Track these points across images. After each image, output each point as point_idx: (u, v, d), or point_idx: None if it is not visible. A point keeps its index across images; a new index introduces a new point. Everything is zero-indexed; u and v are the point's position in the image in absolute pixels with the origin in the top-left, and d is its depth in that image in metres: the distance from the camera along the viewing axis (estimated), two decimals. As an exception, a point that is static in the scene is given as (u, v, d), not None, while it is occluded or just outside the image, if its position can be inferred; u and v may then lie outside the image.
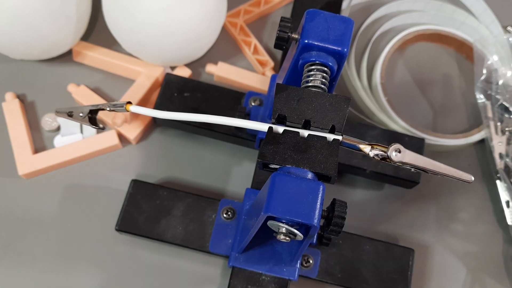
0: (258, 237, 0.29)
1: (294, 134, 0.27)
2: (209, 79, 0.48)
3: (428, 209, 0.44)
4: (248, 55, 0.49)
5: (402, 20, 0.52)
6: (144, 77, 0.45)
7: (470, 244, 0.43)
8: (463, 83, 0.51)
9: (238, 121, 0.28)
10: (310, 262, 0.38)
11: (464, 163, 0.47)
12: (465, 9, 0.53)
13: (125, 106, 0.31)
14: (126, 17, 0.42)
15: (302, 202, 0.25)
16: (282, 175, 0.26)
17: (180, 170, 0.44)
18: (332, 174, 0.26)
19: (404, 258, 0.39)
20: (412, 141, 0.43)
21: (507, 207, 0.43)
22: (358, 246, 0.39)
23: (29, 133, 0.43)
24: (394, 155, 0.27)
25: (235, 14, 0.51)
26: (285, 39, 0.31)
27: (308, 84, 0.29)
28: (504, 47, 0.49)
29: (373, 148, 0.27)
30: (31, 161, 0.42)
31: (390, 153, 0.27)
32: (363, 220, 0.43)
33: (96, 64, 0.47)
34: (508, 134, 0.45)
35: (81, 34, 0.46)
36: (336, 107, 0.28)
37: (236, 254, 0.35)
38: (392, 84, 0.50)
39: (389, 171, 0.41)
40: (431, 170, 0.27)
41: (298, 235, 0.26)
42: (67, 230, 0.40)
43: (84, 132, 0.44)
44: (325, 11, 0.31)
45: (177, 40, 0.43)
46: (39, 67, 0.47)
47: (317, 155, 0.27)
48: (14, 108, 0.43)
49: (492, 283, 0.42)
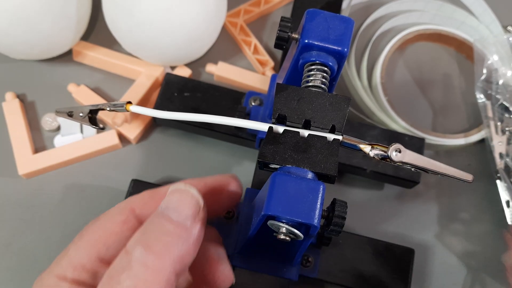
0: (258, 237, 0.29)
1: (294, 134, 0.27)
2: (209, 79, 0.48)
3: (428, 209, 0.44)
4: (248, 55, 0.49)
5: (402, 20, 0.52)
6: (144, 77, 0.45)
7: (470, 244, 0.43)
8: (463, 83, 0.51)
9: (238, 121, 0.28)
10: (310, 262, 0.38)
11: (464, 163, 0.47)
12: (465, 9, 0.53)
13: (125, 106, 0.30)
14: (126, 17, 0.42)
15: (302, 202, 0.25)
16: (282, 175, 0.26)
17: (180, 170, 0.44)
18: (332, 174, 0.26)
19: (404, 258, 0.39)
20: (412, 141, 0.43)
21: (507, 207, 0.43)
22: (358, 246, 0.39)
23: (29, 133, 0.43)
24: (394, 155, 0.27)
25: (235, 14, 0.51)
26: (285, 39, 0.31)
27: (308, 84, 0.29)
28: (504, 47, 0.49)
29: (373, 148, 0.27)
30: (31, 161, 0.42)
31: (390, 153, 0.27)
32: (363, 220, 0.43)
33: (96, 64, 0.47)
34: (508, 134, 0.45)
35: (81, 34, 0.46)
36: (336, 107, 0.28)
37: (236, 254, 0.35)
38: (392, 84, 0.50)
39: (389, 171, 0.41)
40: (431, 169, 0.27)
41: (298, 235, 0.25)
42: (67, 230, 0.40)
43: (84, 132, 0.44)
44: (325, 11, 0.31)
45: (177, 40, 0.43)
46: (39, 67, 0.47)
47: (317, 155, 0.27)
48: (14, 108, 0.43)
49: (492, 283, 0.42)
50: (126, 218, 0.28)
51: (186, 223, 0.25)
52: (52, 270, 0.26)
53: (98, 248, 0.27)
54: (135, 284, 0.22)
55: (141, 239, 0.24)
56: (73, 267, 0.26)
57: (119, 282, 0.22)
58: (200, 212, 0.25)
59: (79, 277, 0.26)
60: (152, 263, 0.23)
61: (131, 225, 0.28)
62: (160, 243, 0.24)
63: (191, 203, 0.25)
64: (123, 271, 0.23)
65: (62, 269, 0.26)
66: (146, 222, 0.25)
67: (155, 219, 0.25)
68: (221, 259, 0.28)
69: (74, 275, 0.26)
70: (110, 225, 0.28)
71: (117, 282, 0.23)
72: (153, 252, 0.23)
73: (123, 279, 0.23)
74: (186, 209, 0.25)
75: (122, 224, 0.28)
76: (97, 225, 0.28)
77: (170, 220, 0.25)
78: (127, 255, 0.24)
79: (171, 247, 0.24)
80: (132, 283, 0.22)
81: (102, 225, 0.28)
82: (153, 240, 0.24)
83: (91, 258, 0.26)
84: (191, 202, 0.25)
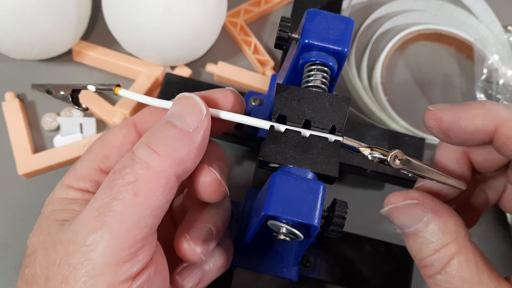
0: (258, 237, 0.29)
1: (295, 134, 0.27)
2: (209, 78, 0.48)
3: (428, 209, 0.44)
4: (248, 55, 0.49)
5: (402, 20, 0.52)
6: (144, 77, 0.45)
7: (470, 244, 0.43)
8: (463, 83, 0.51)
9: (239, 117, 0.28)
10: (310, 262, 0.38)
11: (465, 163, 0.47)
12: (466, 8, 0.53)
13: (113, 89, 0.30)
14: (126, 17, 0.42)
15: (303, 202, 0.25)
16: (282, 175, 0.26)
17: (180, 170, 0.43)
18: (334, 175, 0.26)
19: (404, 258, 0.39)
20: (412, 140, 0.43)
21: (508, 207, 0.43)
22: (358, 246, 0.39)
23: (29, 133, 0.43)
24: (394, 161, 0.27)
25: (235, 13, 0.51)
26: (285, 39, 0.31)
27: (308, 84, 0.29)
28: (504, 47, 0.49)
29: (372, 150, 0.27)
30: (31, 161, 0.41)
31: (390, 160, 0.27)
32: (363, 220, 0.43)
33: (96, 64, 0.47)
34: (509, 134, 0.45)
35: (81, 34, 0.46)
36: (336, 107, 0.28)
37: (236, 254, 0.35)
38: (393, 84, 0.50)
39: (390, 171, 0.41)
40: (428, 176, 0.28)
41: (298, 235, 0.25)
42: (67, 230, 0.40)
43: (84, 132, 0.44)
44: (325, 10, 0.31)
45: (177, 40, 0.43)
46: (39, 67, 0.47)
47: (319, 156, 0.27)
48: (14, 108, 0.43)
49: (493, 283, 0.42)
50: (128, 131, 0.30)
51: (189, 129, 0.26)
52: (62, 182, 0.29)
53: (100, 160, 0.29)
54: (135, 178, 0.24)
55: (145, 141, 0.25)
56: (78, 178, 0.29)
57: (121, 176, 0.24)
58: (204, 119, 0.26)
59: (84, 186, 0.29)
60: (153, 161, 0.24)
61: (132, 138, 0.29)
62: (163, 144, 0.25)
63: (194, 110, 0.26)
64: (126, 167, 0.25)
65: (69, 179, 0.29)
66: (151, 129, 0.26)
67: (160, 125, 0.26)
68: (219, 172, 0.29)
69: (79, 184, 0.29)
70: (112, 138, 0.29)
71: (120, 176, 0.24)
72: (156, 152, 0.25)
73: (125, 173, 0.24)
74: (189, 116, 0.26)
75: (123, 137, 0.29)
76: (101, 139, 0.30)
77: (174, 125, 0.26)
78: (131, 154, 0.25)
79: (173, 149, 0.25)
80: (133, 177, 0.24)
81: (105, 140, 0.30)
82: (156, 142, 0.25)
83: (93, 169, 0.29)
84: (194, 109, 0.26)
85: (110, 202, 0.24)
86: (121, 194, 0.24)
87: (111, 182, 0.25)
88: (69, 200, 0.28)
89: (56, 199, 0.29)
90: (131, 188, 0.24)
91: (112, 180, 0.25)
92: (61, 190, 0.29)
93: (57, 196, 0.29)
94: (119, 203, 0.24)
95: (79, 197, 0.28)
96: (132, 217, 0.24)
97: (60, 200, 0.28)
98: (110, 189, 0.24)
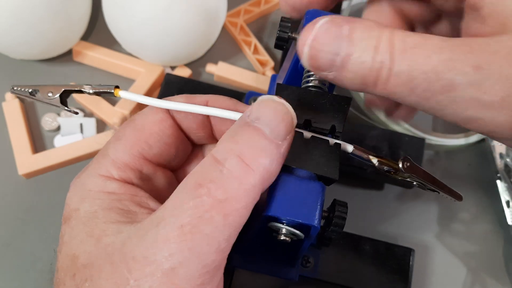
0: (258, 238, 0.29)
1: (298, 135, 0.27)
2: (209, 79, 0.48)
3: (428, 209, 0.44)
4: (248, 55, 0.49)
5: (402, 20, 0.52)
6: (144, 77, 0.45)
7: (470, 244, 0.43)
8: (463, 83, 0.51)
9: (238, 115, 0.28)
10: (310, 262, 0.38)
11: (464, 163, 0.47)
12: (465, 9, 0.53)
13: (113, 90, 0.27)
14: (126, 17, 0.42)
15: (303, 203, 0.25)
16: (282, 175, 0.26)
17: (180, 170, 0.43)
18: (334, 177, 0.26)
19: (404, 258, 0.39)
20: (412, 141, 0.43)
21: (507, 207, 0.43)
22: (358, 246, 0.39)
23: (29, 133, 0.43)
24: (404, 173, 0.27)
25: (235, 13, 0.51)
26: (285, 39, 0.31)
27: (308, 84, 0.29)
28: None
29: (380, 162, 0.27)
30: (31, 161, 0.41)
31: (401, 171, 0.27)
32: (363, 220, 0.43)
33: (96, 64, 0.47)
34: (508, 134, 0.45)
35: (81, 34, 0.46)
36: (336, 107, 0.28)
37: (236, 254, 0.35)
38: (392, 84, 0.50)
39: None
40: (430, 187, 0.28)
41: (298, 236, 0.25)
42: (67, 230, 0.40)
43: (84, 132, 0.44)
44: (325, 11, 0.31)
45: (177, 40, 0.43)
46: (39, 67, 0.47)
47: (320, 158, 0.27)
48: (14, 108, 0.43)
49: (493, 283, 0.42)
50: (164, 116, 0.27)
51: (278, 140, 0.23)
52: (94, 171, 0.25)
53: (140, 147, 0.26)
54: (225, 197, 0.21)
55: (234, 150, 0.22)
56: (117, 166, 0.25)
57: (209, 192, 0.21)
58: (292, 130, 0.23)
59: (126, 176, 0.25)
60: (247, 178, 0.21)
61: (169, 123, 0.27)
62: (254, 157, 0.22)
63: (286, 120, 0.23)
64: (213, 181, 0.21)
65: (105, 168, 0.25)
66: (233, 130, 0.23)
67: (246, 130, 0.23)
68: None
69: (120, 174, 0.25)
70: (148, 124, 0.27)
71: (208, 192, 0.21)
72: (249, 166, 0.22)
73: (214, 189, 0.21)
74: (281, 126, 0.23)
75: (159, 122, 0.27)
76: (134, 125, 0.27)
77: (263, 134, 0.22)
78: (217, 164, 0.22)
79: (265, 164, 0.22)
80: (224, 196, 0.21)
81: (139, 125, 0.27)
82: (248, 154, 0.22)
83: (134, 157, 0.26)
84: (286, 118, 0.23)
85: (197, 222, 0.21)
86: (209, 213, 0.21)
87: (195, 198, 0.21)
88: (111, 195, 0.24)
89: (92, 193, 0.25)
90: (221, 208, 0.21)
91: (196, 195, 0.21)
92: (95, 180, 0.25)
93: (91, 188, 0.25)
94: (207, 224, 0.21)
95: (122, 191, 0.25)
96: (220, 239, 0.21)
97: (98, 194, 0.24)
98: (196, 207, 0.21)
